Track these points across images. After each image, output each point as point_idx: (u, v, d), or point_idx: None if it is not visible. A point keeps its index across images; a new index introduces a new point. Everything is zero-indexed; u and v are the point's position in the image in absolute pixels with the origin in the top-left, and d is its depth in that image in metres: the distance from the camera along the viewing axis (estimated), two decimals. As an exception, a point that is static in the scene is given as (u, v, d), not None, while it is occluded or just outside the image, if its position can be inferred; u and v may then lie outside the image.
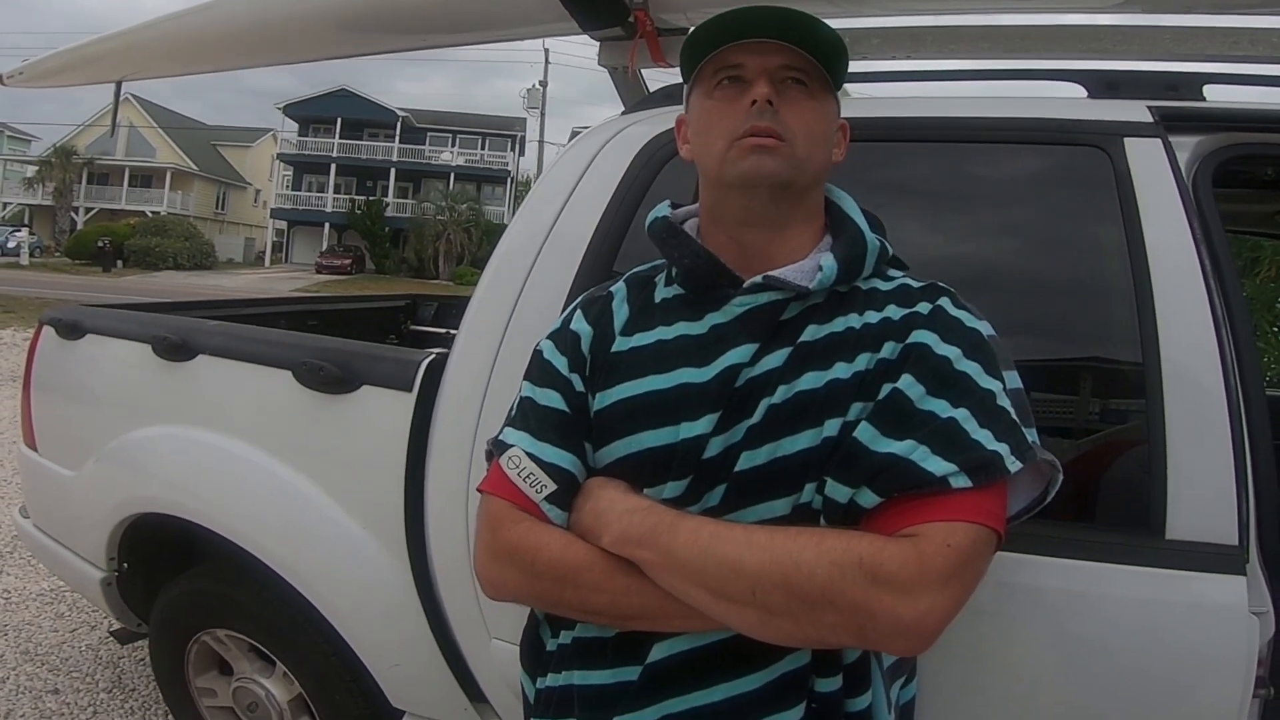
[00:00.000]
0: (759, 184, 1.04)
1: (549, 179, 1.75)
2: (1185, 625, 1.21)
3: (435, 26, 2.21)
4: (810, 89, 1.06)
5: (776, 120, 1.02)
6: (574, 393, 1.09)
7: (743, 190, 1.05)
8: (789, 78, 1.05)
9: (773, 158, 1.02)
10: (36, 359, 2.46)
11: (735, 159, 1.03)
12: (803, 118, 1.04)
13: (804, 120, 1.04)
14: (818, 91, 1.07)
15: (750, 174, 1.03)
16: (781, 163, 1.02)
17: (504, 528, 1.04)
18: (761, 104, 1.02)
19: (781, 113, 1.03)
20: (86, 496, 2.28)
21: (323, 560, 1.86)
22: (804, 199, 1.09)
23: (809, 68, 1.05)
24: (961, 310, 1.04)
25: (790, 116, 1.03)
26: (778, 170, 1.03)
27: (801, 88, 1.05)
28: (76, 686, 2.87)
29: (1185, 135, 1.45)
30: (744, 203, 1.07)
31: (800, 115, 1.04)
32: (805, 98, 1.05)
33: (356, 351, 1.90)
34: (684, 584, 0.95)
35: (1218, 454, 1.24)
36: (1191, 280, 1.31)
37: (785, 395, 1.00)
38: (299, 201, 41.89)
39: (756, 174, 1.03)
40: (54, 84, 3.19)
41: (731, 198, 1.08)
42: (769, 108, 1.02)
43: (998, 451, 0.93)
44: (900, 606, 0.87)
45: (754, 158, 1.02)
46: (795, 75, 1.05)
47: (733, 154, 1.04)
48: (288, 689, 2.09)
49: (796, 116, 1.04)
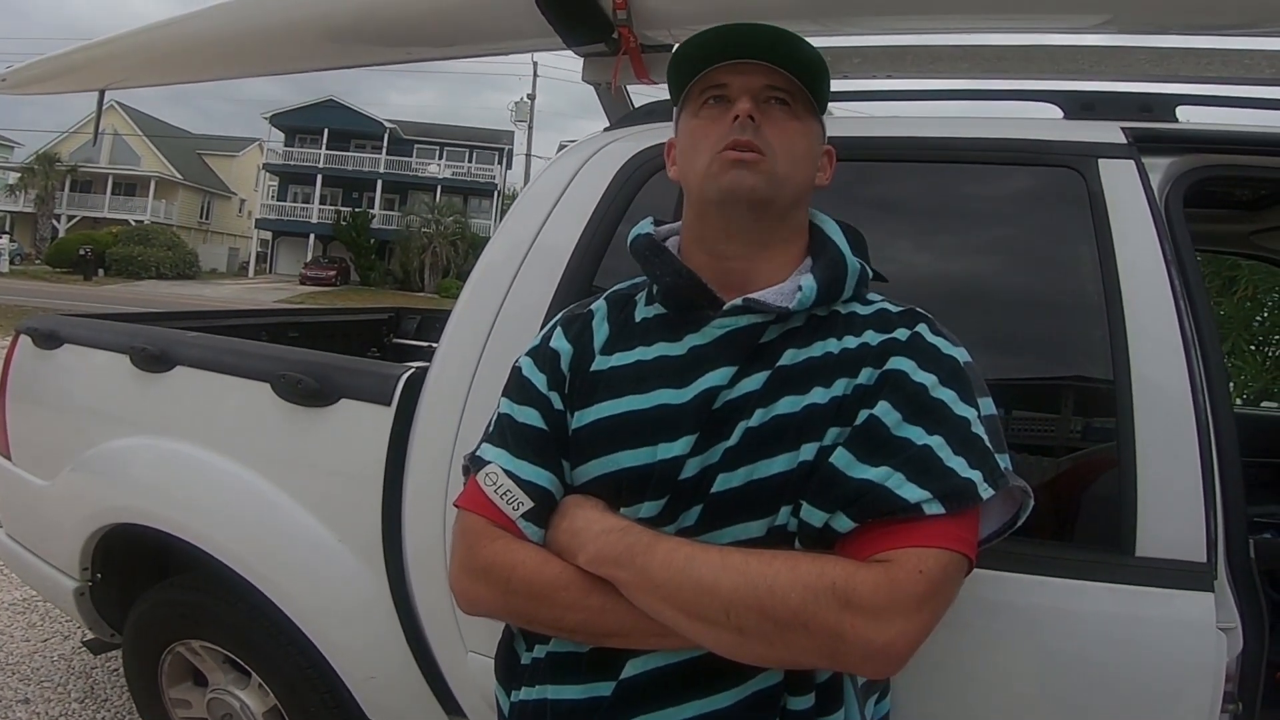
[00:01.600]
0: (738, 198, 1.04)
1: (531, 193, 1.76)
2: (1155, 641, 1.23)
3: (421, 39, 2.22)
4: (793, 109, 1.07)
5: (757, 135, 1.03)
6: (552, 411, 1.09)
7: (722, 206, 1.06)
8: (772, 97, 1.06)
9: (752, 172, 1.03)
10: (12, 368, 2.44)
11: (716, 173, 1.04)
12: (784, 136, 1.05)
13: (785, 138, 1.05)
14: (801, 112, 1.08)
15: (729, 188, 1.03)
16: (761, 178, 1.03)
17: (480, 544, 1.04)
18: (743, 119, 1.03)
19: (763, 129, 1.04)
20: (61, 506, 2.26)
21: (299, 573, 1.85)
22: (785, 219, 1.10)
23: (792, 89, 1.06)
24: (938, 337, 1.05)
25: (772, 134, 1.04)
26: (756, 185, 1.03)
27: (785, 107, 1.07)
28: (48, 696, 2.84)
29: (1158, 156, 1.47)
30: (724, 219, 1.07)
31: (781, 133, 1.05)
32: (788, 117, 1.06)
33: (335, 365, 1.90)
34: (659, 604, 0.95)
35: (1187, 472, 1.26)
36: (1162, 301, 1.33)
37: (762, 419, 1.00)
38: (284, 212, 41.65)
39: (736, 188, 1.03)
40: (38, 91, 3.18)
41: (712, 214, 1.08)
42: (750, 123, 1.03)
43: (971, 479, 0.94)
44: (871, 631, 0.88)
45: (734, 172, 1.03)
46: (779, 95, 1.06)
47: (714, 168, 1.04)
48: (263, 701, 2.07)
49: (778, 134, 1.05)
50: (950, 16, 1.74)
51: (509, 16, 1.91)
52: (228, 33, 2.37)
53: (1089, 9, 1.64)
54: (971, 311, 1.49)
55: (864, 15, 1.78)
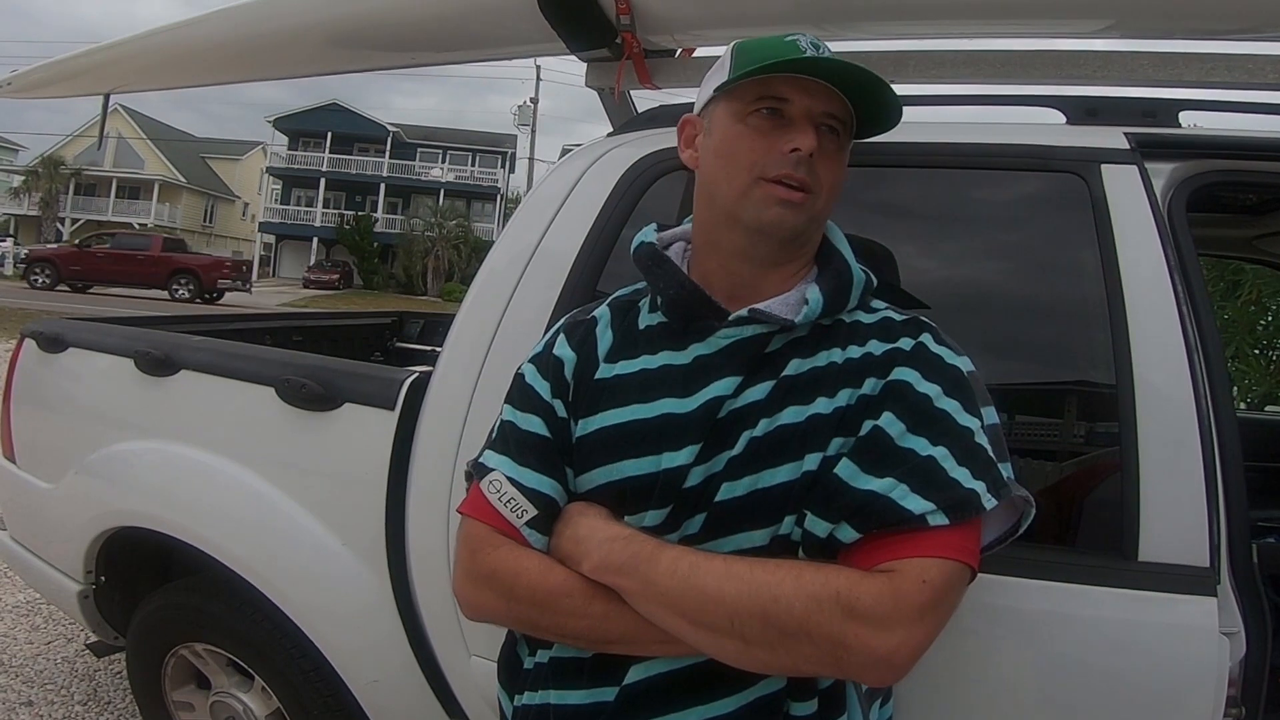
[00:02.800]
0: (775, 236, 1.04)
1: (535, 198, 1.76)
2: (1157, 646, 1.23)
3: (424, 44, 2.22)
4: (840, 140, 1.06)
5: (811, 171, 1.01)
6: (556, 418, 1.09)
7: (754, 234, 1.05)
8: (827, 124, 1.03)
9: (795, 212, 1.02)
10: (17, 372, 2.45)
11: (759, 202, 1.02)
12: (832, 171, 1.04)
13: (833, 173, 1.05)
14: (845, 142, 1.07)
15: (770, 225, 1.03)
16: (803, 218, 1.03)
17: (484, 551, 1.05)
18: (804, 156, 1.00)
19: (816, 164, 1.02)
20: (65, 509, 2.26)
21: (303, 576, 1.85)
22: (807, 244, 1.10)
23: (846, 118, 1.05)
24: (942, 347, 1.05)
25: (822, 169, 1.02)
26: (798, 225, 1.03)
27: (834, 137, 1.05)
28: (51, 699, 2.84)
29: (1161, 162, 1.47)
30: (749, 244, 1.06)
31: (832, 168, 1.04)
32: (837, 150, 1.05)
33: (339, 369, 1.91)
34: (663, 612, 0.96)
35: (1189, 477, 1.26)
36: (1165, 306, 1.33)
37: (767, 428, 1.01)
38: (287, 215, 41.70)
39: (777, 226, 1.03)
40: (42, 95, 3.18)
41: (737, 233, 1.06)
42: (808, 160, 1.01)
43: (974, 490, 0.94)
44: (875, 640, 0.88)
45: (778, 210, 1.02)
46: (833, 124, 1.04)
47: (757, 194, 1.02)
48: (266, 704, 2.07)
49: (827, 169, 1.03)
50: (953, 21, 1.74)
51: (513, 22, 1.91)
52: (233, 37, 2.37)
53: (1092, 14, 1.64)
54: (975, 317, 1.49)
55: (866, 20, 1.78)
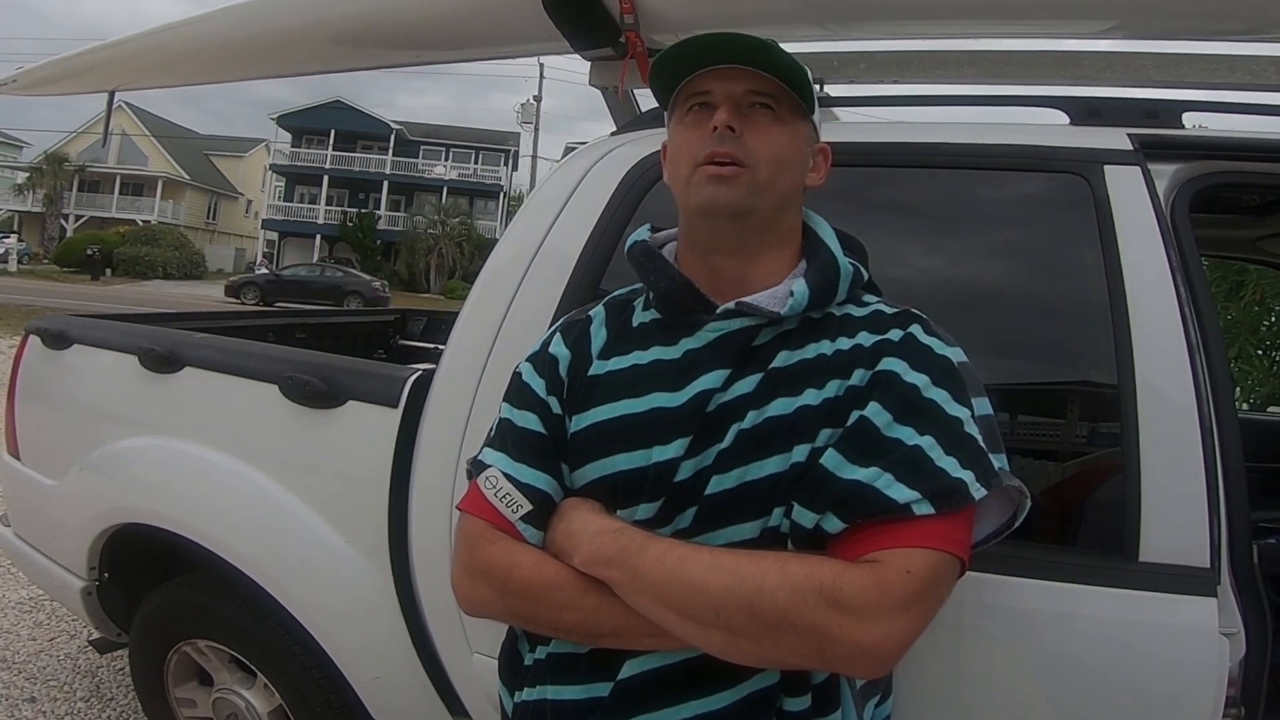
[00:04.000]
0: (718, 211, 1.05)
1: (538, 197, 1.77)
2: (1157, 646, 1.23)
3: (428, 43, 2.23)
4: (778, 113, 1.07)
5: (738, 145, 1.03)
6: (551, 415, 1.11)
7: (704, 218, 1.08)
8: (756, 102, 1.06)
9: (729, 187, 1.03)
10: (22, 368, 2.45)
11: (697, 186, 1.05)
12: (766, 141, 1.05)
13: (768, 144, 1.05)
14: (786, 116, 1.07)
15: (708, 203, 1.05)
16: (739, 191, 1.04)
17: (480, 546, 1.06)
18: (722, 129, 1.03)
19: (745, 137, 1.04)
20: (69, 506, 2.27)
21: (306, 573, 1.86)
22: (773, 224, 1.10)
23: (777, 92, 1.06)
24: (932, 337, 1.05)
25: (754, 141, 1.04)
26: (735, 199, 1.04)
27: (769, 112, 1.06)
28: (54, 695, 2.85)
29: (1164, 163, 1.47)
30: (708, 229, 1.09)
31: (764, 139, 1.05)
32: (772, 122, 1.06)
33: (343, 367, 1.92)
34: (651, 604, 0.96)
35: (1190, 477, 1.26)
36: (1167, 307, 1.33)
37: (755, 421, 1.01)
38: (291, 213, 41.70)
39: (713, 203, 1.04)
40: (47, 93, 3.20)
41: (697, 223, 1.10)
42: (730, 133, 1.03)
43: (962, 479, 0.94)
44: (859, 631, 0.88)
45: (711, 187, 1.04)
46: (762, 100, 1.06)
47: (695, 180, 1.05)
48: (268, 700, 2.08)
49: (760, 141, 1.05)
50: (956, 22, 1.75)
51: (517, 21, 1.92)
52: (238, 35, 2.38)
53: (1096, 14, 1.65)
54: (977, 317, 1.50)
55: (870, 20, 1.78)
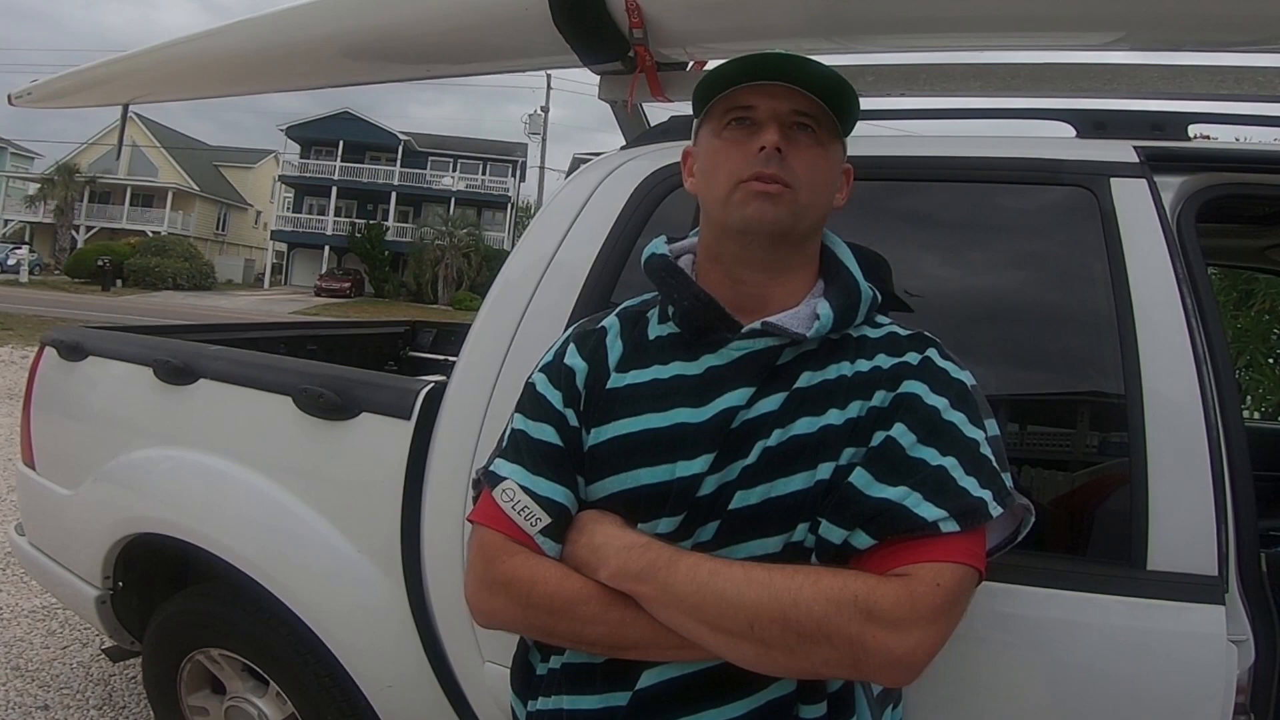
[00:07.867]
0: (760, 231, 1.05)
1: (550, 210, 1.78)
2: (1166, 654, 1.23)
3: (440, 57, 2.25)
4: (818, 135, 1.07)
5: (783, 167, 1.04)
6: (568, 427, 1.11)
7: (742, 235, 1.07)
8: (797, 123, 1.06)
9: (775, 205, 1.04)
10: (37, 379, 2.48)
11: (739, 203, 1.05)
12: (808, 165, 1.06)
13: (809, 167, 1.06)
14: (825, 138, 1.08)
15: (752, 220, 1.05)
16: (784, 211, 1.04)
17: (499, 559, 1.06)
18: (770, 150, 1.03)
19: (788, 159, 1.04)
20: (84, 515, 2.29)
21: (319, 583, 1.87)
22: (802, 246, 1.11)
23: (819, 113, 1.06)
24: (947, 362, 1.08)
25: (797, 163, 1.05)
26: (779, 218, 1.04)
27: (809, 134, 1.07)
28: (67, 703, 2.87)
29: (1170, 175, 1.48)
30: (742, 246, 1.09)
31: (806, 162, 1.06)
32: (812, 144, 1.07)
33: (356, 379, 1.93)
34: (682, 618, 0.98)
35: (1198, 487, 1.27)
36: (1174, 317, 1.34)
37: (780, 439, 1.03)
38: (299, 224, 41.88)
39: (759, 221, 1.04)
40: (62, 105, 3.23)
41: (730, 240, 1.09)
42: (777, 154, 1.03)
43: (982, 498, 0.98)
44: (892, 641, 0.91)
45: (757, 204, 1.04)
46: (804, 120, 1.06)
47: (737, 197, 1.05)
48: (280, 709, 2.09)
49: (803, 164, 1.05)
50: (963, 35, 1.76)
51: (527, 35, 1.94)
52: (251, 49, 2.41)
53: (1101, 27, 1.66)
54: (986, 329, 1.51)
55: (877, 34, 1.80)
